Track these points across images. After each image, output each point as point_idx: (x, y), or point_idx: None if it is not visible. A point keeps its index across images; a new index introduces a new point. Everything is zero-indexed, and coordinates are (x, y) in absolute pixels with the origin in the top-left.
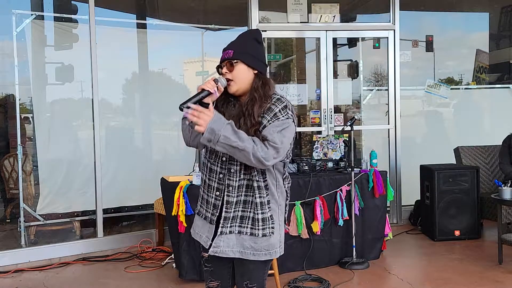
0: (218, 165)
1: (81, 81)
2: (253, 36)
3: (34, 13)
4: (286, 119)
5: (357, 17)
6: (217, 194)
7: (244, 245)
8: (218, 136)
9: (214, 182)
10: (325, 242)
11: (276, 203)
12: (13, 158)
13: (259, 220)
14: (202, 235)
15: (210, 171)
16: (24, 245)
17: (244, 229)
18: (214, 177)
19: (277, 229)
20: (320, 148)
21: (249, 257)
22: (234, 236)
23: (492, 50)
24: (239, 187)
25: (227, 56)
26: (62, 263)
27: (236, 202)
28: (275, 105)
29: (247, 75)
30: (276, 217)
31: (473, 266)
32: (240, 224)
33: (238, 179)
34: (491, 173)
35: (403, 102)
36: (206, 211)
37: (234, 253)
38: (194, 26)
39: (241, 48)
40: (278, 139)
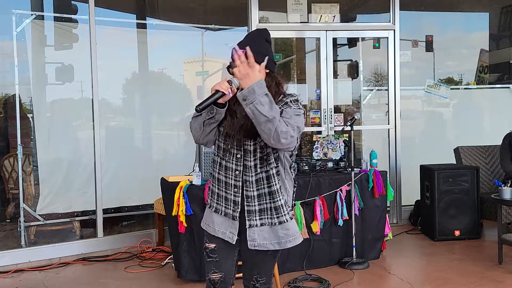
0: (233, 162)
1: (81, 81)
2: (264, 36)
3: (34, 13)
4: (298, 109)
5: (357, 17)
6: (235, 191)
7: (278, 235)
8: (255, 98)
9: (231, 179)
10: (325, 242)
11: (286, 190)
12: (13, 158)
13: (282, 206)
14: (225, 232)
15: (225, 169)
16: (24, 245)
17: (274, 220)
18: (230, 174)
19: (290, 215)
20: (320, 148)
21: (287, 245)
22: (267, 229)
23: (492, 50)
24: (257, 181)
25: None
26: (62, 263)
27: (258, 196)
28: (287, 98)
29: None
30: (287, 204)
31: (473, 266)
32: (271, 216)
33: (255, 173)
34: (491, 173)
35: (403, 102)
36: (226, 208)
37: (273, 245)
38: (194, 26)
39: (254, 48)
40: (294, 120)
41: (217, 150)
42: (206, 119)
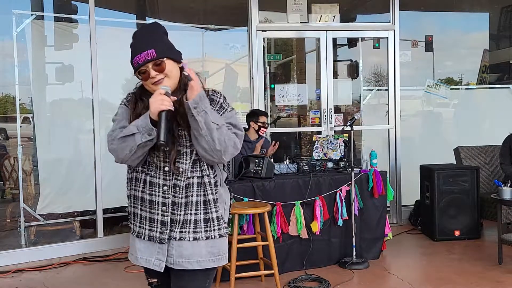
0: (161, 177)
1: (81, 81)
2: (160, 29)
3: (34, 13)
4: (232, 110)
5: (357, 17)
6: (163, 209)
7: (201, 253)
8: (206, 105)
9: (157, 196)
10: (325, 242)
11: (223, 203)
12: (13, 158)
13: (214, 220)
14: (150, 259)
15: (150, 185)
16: (24, 245)
17: (199, 234)
18: (156, 191)
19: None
20: (320, 148)
21: (209, 264)
22: (188, 245)
23: (492, 50)
24: (186, 187)
25: (150, 57)
26: (62, 263)
27: (185, 204)
28: (216, 96)
29: (176, 71)
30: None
31: (473, 266)
32: (194, 229)
33: (186, 177)
34: (491, 173)
35: (403, 102)
36: (151, 230)
37: (191, 264)
38: (194, 26)
39: (161, 44)
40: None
41: (140, 166)
42: (143, 141)
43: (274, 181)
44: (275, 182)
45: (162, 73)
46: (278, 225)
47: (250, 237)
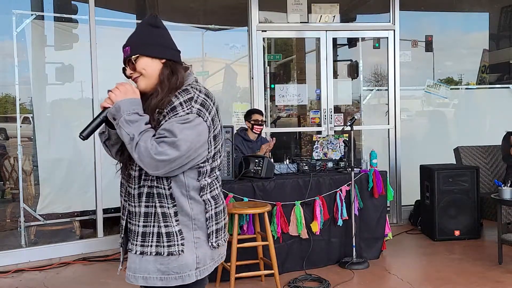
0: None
1: (81, 81)
2: (148, 22)
3: (34, 13)
4: (186, 114)
5: (357, 17)
6: (123, 212)
7: (148, 269)
8: (120, 116)
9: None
10: (325, 242)
11: (188, 217)
12: (13, 158)
13: (163, 235)
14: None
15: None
16: (24, 245)
17: (148, 249)
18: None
19: (191, 247)
20: (320, 148)
21: (156, 283)
22: (135, 258)
23: (492, 50)
24: (139, 196)
25: (126, 54)
26: (62, 263)
27: (136, 214)
28: (177, 97)
29: (154, 67)
30: (188, 233)
31: (473, 266)
32: (142, 242)
33: (138, 186)
34: (491, 173)
35: (403, 102)
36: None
37: (136, 279)
38: (194, 26)
39: (137, 40)
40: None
41: None
42: (103, 141)
43: (274, 181)
44: (275, 182)
45: (136, 71)
46: (278, 225)
47: (250, 237)
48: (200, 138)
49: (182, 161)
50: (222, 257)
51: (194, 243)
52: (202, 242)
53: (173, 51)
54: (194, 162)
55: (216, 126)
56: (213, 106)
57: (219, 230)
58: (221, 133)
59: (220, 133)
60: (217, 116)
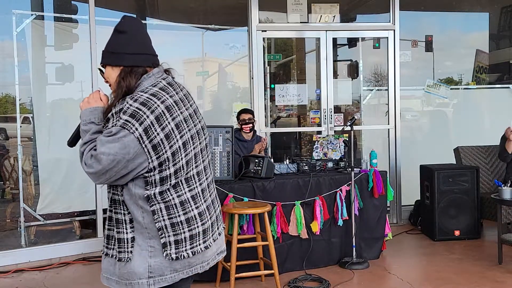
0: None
1: (81, 81)
2: (116, 28)
3: (34, 13)
4: (112, 127)
5: (357, 17)
6: None
7: (109, 270)
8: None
9: None
10: (325, 242)
11: (141, 225)
12: (13, 158)
13: (116, 240)
14: None
15: None
16: (24, 245)
17: (110, 251)
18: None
19: (145, 256)
20: (320, 148)
21: (113, 285)
22: (104, 259)
23: (492, 50)
24: (110, 200)
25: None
26: (62, 263)
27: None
28: (115, 106)
29: (114, 75)
30: (143, 241)
31: (473, 266)
32: (107, 244)
33: (107, 191)
34: (491, 173)
35: (403, 102)
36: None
37: (102, 279)
38: (194, 26)
39: (104, 49)
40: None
41: None
42: None
43: (274, 181)
44: (275, 182)
45: (106, 81)
46: (278, 225)
47: (250, 237)
48: (126, 150)
49: (110, 174)
50: (200, 267)
51: (148, 251)
52: (157, 251)
53: (135, 56)
54: (134, 173)
55: (158, 133)
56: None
57: (182, 240)
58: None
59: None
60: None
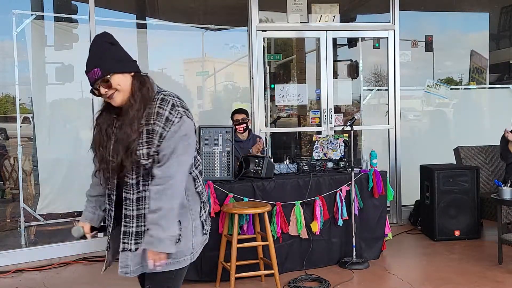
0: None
1: (81, 81)
2: (104, 40)
3: (34, 13)
4: (180, 119)
5: (357, 17)
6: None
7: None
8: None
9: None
10: (325, 242)
11: (186, 208)
12: (13, 158)
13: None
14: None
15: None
16: (24, 245)
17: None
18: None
19: (189, 235)
20: (320, 148)
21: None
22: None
23: (492, 50)
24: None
25: (97, 76)
26: (62, 263)
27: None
28: (162, 107)
29: (126, 81)
30: (187, 223)
31: (473, 266)
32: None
33: (137, 191)
34: (491, 173)
35: (403, 102)
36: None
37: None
38: (194, 26)
39: (104, 60)
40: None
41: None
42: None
43: (274, 181)
44: (275, 182)
45: (112, 89)
46: (278, 225)
47: (250, 237)
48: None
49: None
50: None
51: (192, 231)
52: (198, 230)
53: (135, 63)
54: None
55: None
56: None
57: (207, 218)
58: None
59: None
60: None
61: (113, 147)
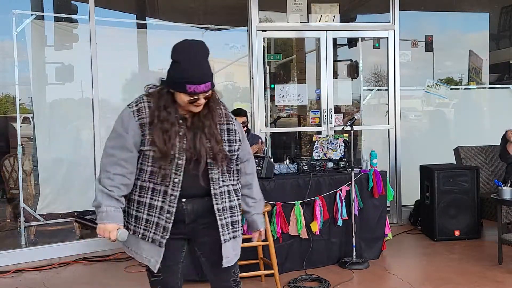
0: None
1: (81, 81)
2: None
3: (34, 13)
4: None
5: (357, 17)
6: (168, 216)
7: (238, 248)
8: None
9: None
10: (325, 242)
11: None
12: (13, 158)
13: (238, 223)
14: (150, 259)
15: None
16: (24, 245)
17: (237, 232)
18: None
19: None
20: (320, 148)
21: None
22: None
23: (492, 50)
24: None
25: (207, 89)
26: (62, 263)
27: (223, 209)
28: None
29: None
30: None
31: (473, 266)
32: (233, 229)
33: (219, 186)
34: (491, 173)
35: (403, 102)
36: (155, 234)
37: (234, 258)
38: (194, 26)
39: (211, 73)
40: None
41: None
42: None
43: (274, 181)
44: (275, 182)
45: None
46: (278, 225)
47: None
48: None
49: None
50: None
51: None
52: None
53: None
54: None
55: None
56: None
57: None
58: None
59: None
60: None
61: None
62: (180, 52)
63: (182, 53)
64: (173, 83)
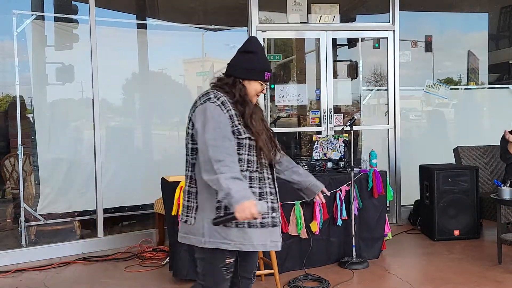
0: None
1: (81, 81)
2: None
3: (34, 13)
4: None
5: (357, 17)
6: (272, 198)
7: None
8: None
9: (266, 187)
10: (324, 242)
11: None
12: (14, 158)
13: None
14: (266, 243)
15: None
16: (24, 245)
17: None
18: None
19: None
20: (320, 148)
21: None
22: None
23: (491, 50)
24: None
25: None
26: (62, 263)
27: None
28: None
29: None
30: None
31: (473, 266)
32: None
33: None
34: (491, 173)
35: (403, 102)
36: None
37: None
38: (194, 26)
39: None
40: None
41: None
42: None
43: None
44: None
45: None
46: None
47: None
48: None
49: None
50: None
51: None
52: None
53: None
54: None
55: None
56: None
57: None
58: None
59: None
60: None
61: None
62: (255, 44)
63: (257, 45)
64: (253, 72)
